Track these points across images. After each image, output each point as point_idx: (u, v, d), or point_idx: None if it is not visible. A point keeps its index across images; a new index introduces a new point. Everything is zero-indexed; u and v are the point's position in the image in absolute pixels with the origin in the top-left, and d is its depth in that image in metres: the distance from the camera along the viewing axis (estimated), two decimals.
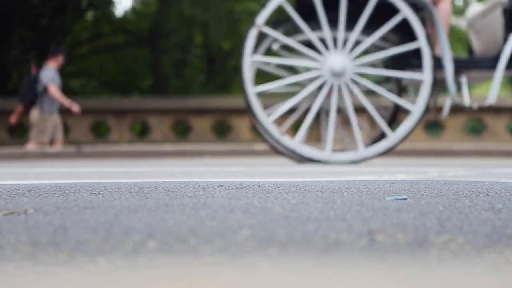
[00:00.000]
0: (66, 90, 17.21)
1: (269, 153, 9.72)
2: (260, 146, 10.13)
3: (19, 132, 12.51)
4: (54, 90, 10.62)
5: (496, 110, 12.57)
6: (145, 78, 18.65)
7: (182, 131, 12.86)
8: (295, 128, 12.56)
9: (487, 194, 2.16)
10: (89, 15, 17.03)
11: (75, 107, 10.57)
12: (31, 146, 10.68)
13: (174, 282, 1.18)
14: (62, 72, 16.19)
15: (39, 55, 14.97)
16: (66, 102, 10.69)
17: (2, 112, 11.97)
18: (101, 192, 2.23)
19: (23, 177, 3.91)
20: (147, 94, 17.32)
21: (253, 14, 16.00)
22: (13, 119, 11.18)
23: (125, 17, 18.27)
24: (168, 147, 10.43)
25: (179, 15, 16.35)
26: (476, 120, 13.41)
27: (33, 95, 10.71)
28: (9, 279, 1.22)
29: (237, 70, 18.64)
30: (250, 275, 1.23)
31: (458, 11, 17.56)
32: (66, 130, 12.19)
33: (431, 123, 13.52)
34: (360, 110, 6.87)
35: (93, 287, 1.16)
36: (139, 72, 18.31)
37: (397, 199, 2.05)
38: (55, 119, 10.78)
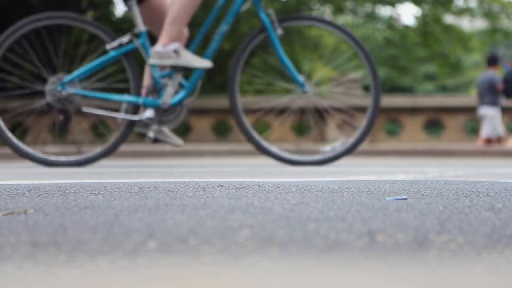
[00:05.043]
0: None
1: None
2: None
3: (19, 132, 12.49)
4: None
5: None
6: None
7: (182, 131, 12.86)
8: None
9: (487, 194, 2.16)
10: (89, 15, 17.03)
11: None
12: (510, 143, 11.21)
13: (174, 282, 1.18)
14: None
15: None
16: None
17: (2, 112, 11.96)
18: (101, 192, 2.23)
19: (23, 177, 3.91)
20: None
21: (253, 14, 15.98)
22: None
23: (125, 17, 18.27)
24: (168, 147, 10.42)
25: None
26: (476, 120, 13.41)
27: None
28: (9, 279, 1.22)
29: None
30: (250, 275, 1.23)
31: (459, 11, 17.55)
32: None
33: (431, 123, 13.52)
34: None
35: (93, 287, 1.16)
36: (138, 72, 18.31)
37: (397, 199, 2.05)
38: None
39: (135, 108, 4.93)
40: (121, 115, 4.92)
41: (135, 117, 4.88)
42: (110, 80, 5.33)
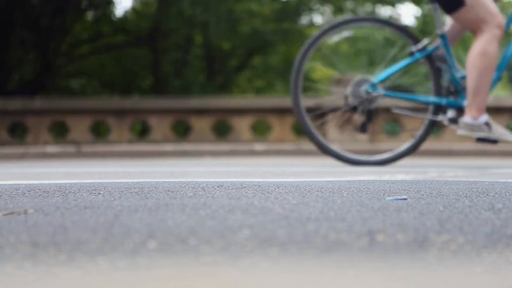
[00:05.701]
0: (66, 90, 17.19)
1: (269, 153, 9.70)
2: (260, 146, 10.12)
3: (19, 132, 12.50)
4: None
5: (496, 110, 12.56)
6: (145, 78, 18.63)
7: (182, 131, 12.86)
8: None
9: (487, 194, 2.16)
10: (89, 15, 17.03)
11: None
12: None
13: (174, 282, 1.18)
14: (62, 72, 16.15)
15: (39, 55, 14.94)
16: None
17: (2, 112, 11.95)
18: (101, 192, 2.23)
19: (23, 177, 3.91)
20: (147, 94, 17.31)
21: (253, 14, 16.00)
22: None
23: (125, 17, 18.25)
24: (168, 147, 10.42)
25: (179, 15, 16.34)
26: None
27: None
28: (9, 279, 1.22)
29: (237, 70, 18.58)
30: (250, 275, 1.23)
31: None
32: (66, 130, 12.18)
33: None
34: None
35: (93, 287, 1.16)
36: (139, 72, 18.28)
37: (397, 199, 2.05)
38: None
39: (436, 109, 5.08)
40: (426, 116, 5.10)
41: (438, 118, 5.06)
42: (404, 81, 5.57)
